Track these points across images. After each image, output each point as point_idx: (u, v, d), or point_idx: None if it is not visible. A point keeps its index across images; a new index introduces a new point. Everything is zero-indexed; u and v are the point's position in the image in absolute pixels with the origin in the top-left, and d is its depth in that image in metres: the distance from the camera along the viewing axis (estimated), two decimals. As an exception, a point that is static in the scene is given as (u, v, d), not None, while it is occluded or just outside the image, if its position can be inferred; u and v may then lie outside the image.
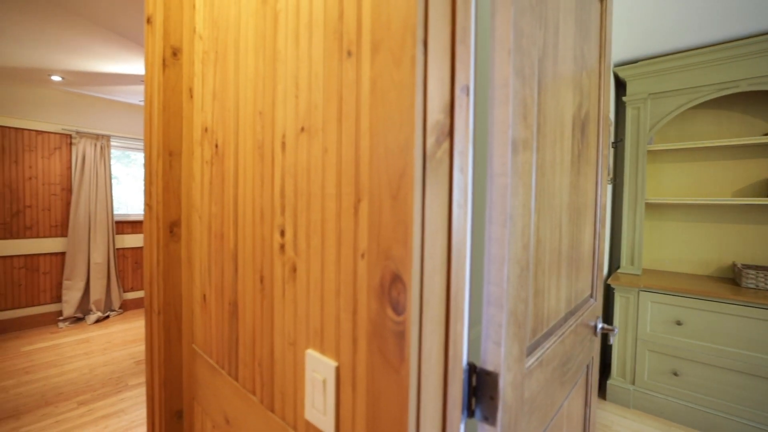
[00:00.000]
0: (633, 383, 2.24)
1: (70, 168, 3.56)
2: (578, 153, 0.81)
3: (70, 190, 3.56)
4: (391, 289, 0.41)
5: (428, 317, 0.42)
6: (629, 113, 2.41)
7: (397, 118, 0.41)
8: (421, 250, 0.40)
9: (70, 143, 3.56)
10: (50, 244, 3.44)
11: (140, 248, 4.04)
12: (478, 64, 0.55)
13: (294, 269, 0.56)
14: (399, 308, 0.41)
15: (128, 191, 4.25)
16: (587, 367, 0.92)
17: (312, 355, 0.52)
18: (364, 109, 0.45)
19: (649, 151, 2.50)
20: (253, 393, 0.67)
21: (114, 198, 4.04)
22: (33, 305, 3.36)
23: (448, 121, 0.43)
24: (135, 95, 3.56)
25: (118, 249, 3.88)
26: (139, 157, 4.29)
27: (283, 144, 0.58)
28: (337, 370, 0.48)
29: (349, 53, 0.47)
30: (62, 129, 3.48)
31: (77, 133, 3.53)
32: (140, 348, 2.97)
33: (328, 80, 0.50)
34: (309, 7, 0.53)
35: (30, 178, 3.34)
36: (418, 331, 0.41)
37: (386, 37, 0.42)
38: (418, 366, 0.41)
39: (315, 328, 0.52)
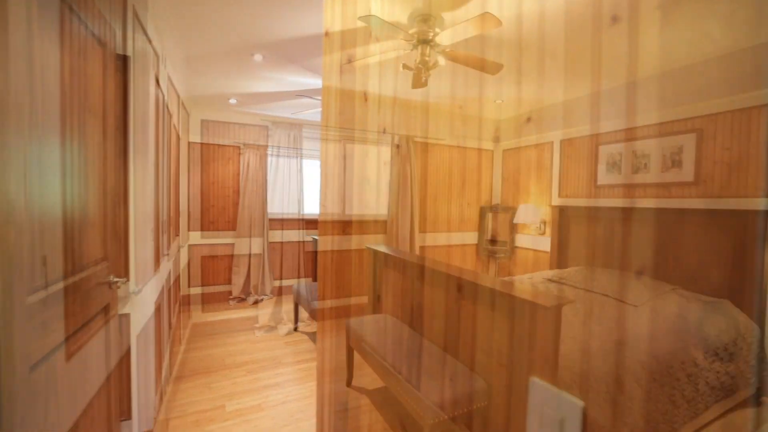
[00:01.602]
0: None
1: (238, 174, 4.33)
2: None
3: (238, 193, 4.34)
4: None
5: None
6: None
7: None
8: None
9: (239, 153, 4.33)
10: (225, 237, 4.26)
11: (286, 242, 4.66)
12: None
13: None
14: None
15: (273, 193, 4.92)
16: None
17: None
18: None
19: None
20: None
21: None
22: (213, 284, 4.21)
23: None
24: (283, 110, 4.12)
25: (269, 243, 4.55)
26: (283, 163, 4.94)
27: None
28: None
29: None
30: (234, 142, 4.27)
31: (244, 145, 4.28)
32: (286, 330, 3.39)
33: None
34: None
35: (213, 183, 4.20)
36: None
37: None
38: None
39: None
